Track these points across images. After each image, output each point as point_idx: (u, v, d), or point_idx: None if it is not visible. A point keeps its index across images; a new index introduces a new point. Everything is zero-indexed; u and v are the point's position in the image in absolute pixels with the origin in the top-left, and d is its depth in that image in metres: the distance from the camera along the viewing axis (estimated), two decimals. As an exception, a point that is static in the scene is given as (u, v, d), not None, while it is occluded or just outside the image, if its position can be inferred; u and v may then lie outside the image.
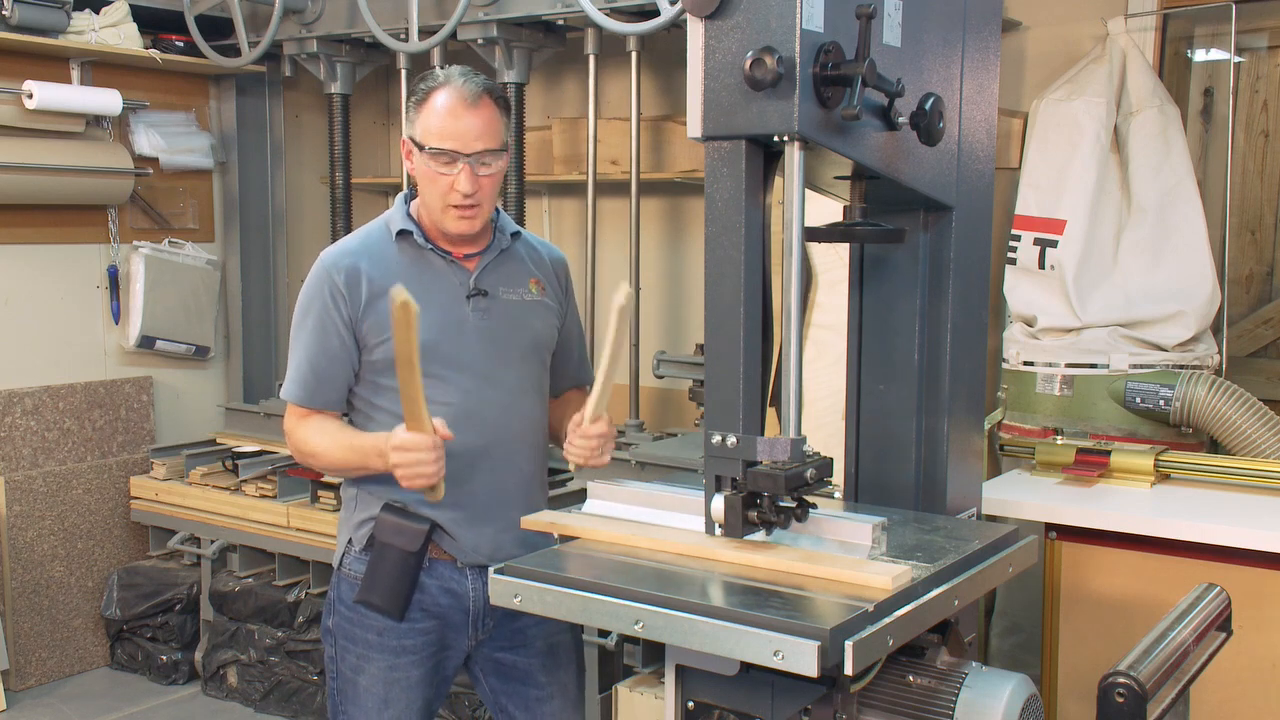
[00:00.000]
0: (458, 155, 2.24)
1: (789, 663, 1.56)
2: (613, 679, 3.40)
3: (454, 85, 2.26)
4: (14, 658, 4.39)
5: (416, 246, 2.35)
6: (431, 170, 2.26)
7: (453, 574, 2.37)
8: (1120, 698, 1.65)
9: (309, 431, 2.34)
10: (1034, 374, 3.60)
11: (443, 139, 2.24)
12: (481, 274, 2.38)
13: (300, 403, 2.34)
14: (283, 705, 4.24)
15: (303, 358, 2.33)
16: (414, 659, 2.36)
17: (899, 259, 2.17)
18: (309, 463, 2.39)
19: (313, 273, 2.34)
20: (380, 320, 2.28)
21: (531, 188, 4.59)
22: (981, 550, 1.92)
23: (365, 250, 2.34)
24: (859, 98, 1.69)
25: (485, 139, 2.26)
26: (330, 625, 2.42)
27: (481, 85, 2.27)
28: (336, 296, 2.29)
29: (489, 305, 2.37)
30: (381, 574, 2.29)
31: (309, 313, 2.32)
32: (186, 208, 4.97)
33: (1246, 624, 2.29)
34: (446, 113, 2.24)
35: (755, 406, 1.83)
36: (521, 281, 2.44)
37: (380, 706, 2.36)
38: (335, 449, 2.31)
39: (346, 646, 2.38)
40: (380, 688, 2.35)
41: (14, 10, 4.15)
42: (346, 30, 4.47)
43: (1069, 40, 3.84)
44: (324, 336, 2.31)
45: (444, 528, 2.33)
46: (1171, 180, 3.53)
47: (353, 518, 2.40)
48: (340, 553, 2.43)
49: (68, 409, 4.59)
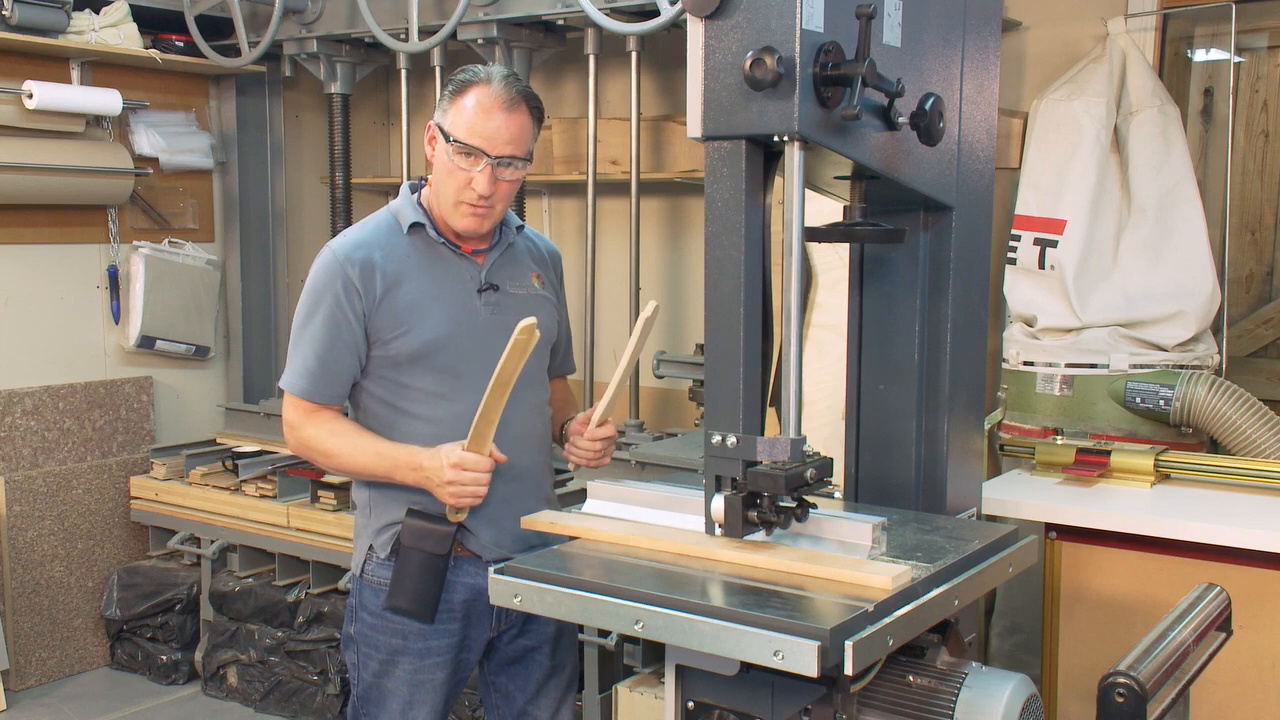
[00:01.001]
0: (483, 154, 2.23)
1: (789, 663, 1.57)
2: (613, 679, 3.40)
3: (495, 85, 2.24)
4: (14, 657, 4.39)
5: (428, 240, 2.34)
6: (453, 163, 2.25)
7: (478, 569, 2.35)
8: (1120, 698, 1.65)
9: (321, 431, 2.31)
10: (1034, 374, 3.60)
11: (471, 135, 2.23)
12: (491, 269, 2.38)
13: (304, 396, 2.31)
14: (283, 705, 4.24)
15: (310, 350, 2.29)
16: (439, 660, 2.36)
17: (899, 259, 2.17)
18: (316, 461, 2.36)
19: (321, 264, 2.30)
20: (395, 314, 2.27)
21: (531, 188, 4.59)
22: (981, 550, 1.92)
23: (377, 242, 2.31)
24: (859, 98, 1.69)
25: (514, 144, 2.25)
26: (352, 632, 2.41)
27: (521, 91, 2.26)
28: (350, 289, 2.26)
29: (499, 300, 2.37)
30: (409, 578, 2.27)
31: (319, 304, 2.28)
32: (186, 208, 4.97)
33: (1246, 624, 2.29)
34: (482, 110, 2.23)
35: (755, 406, 1.83)
36: (525, 276, 2.44)
37: (404, 709, 2.36)
38: (358, 454, 2.28)
39: (369, 654, 2.37)
40: (405, 690, 2.35)
41: (14, 10, 4.15)
42: (346, 30, 4.47)
43: (1069, 40, 3.84)
44: (335, 329, 2.27)
45: (465, 525, 2.32)
46: (1171, 180, 3.53)
47: (371, 524, 2.38)
48: (361, 560, 2.40)
49: (68, 409, 4.59)
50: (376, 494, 2.36)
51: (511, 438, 2.31)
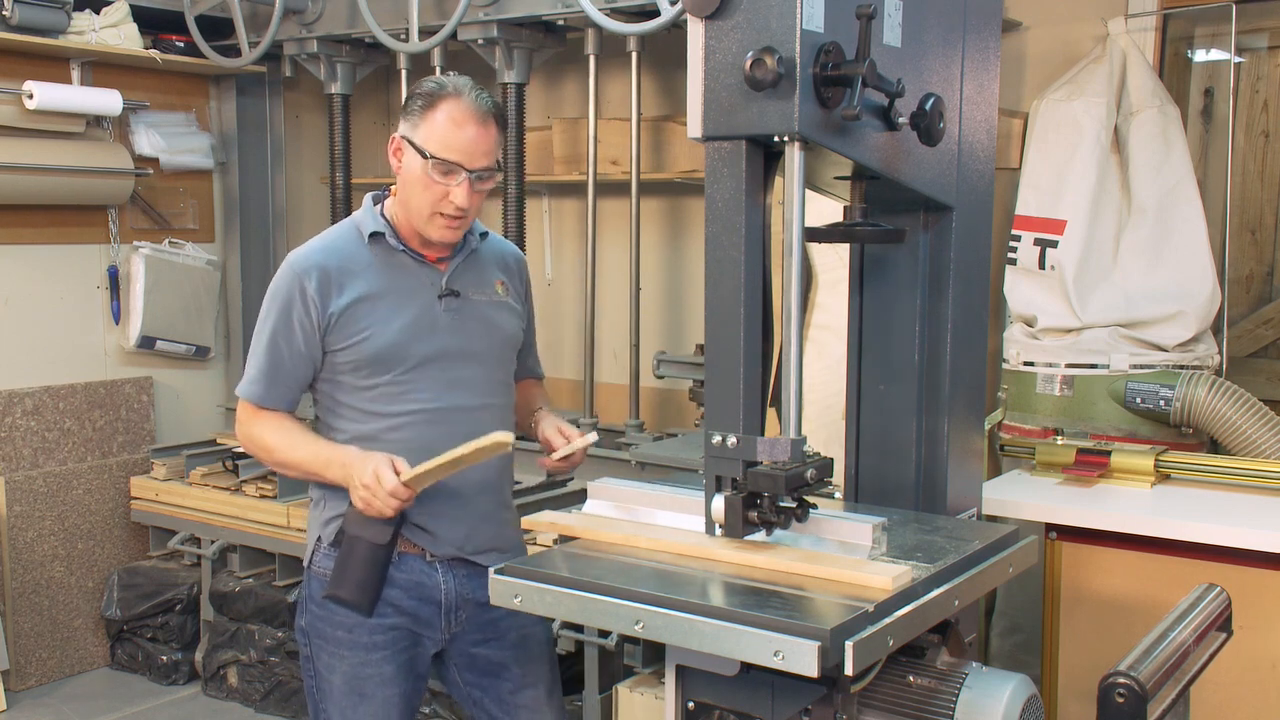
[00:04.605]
0: (461, 169, 2.25)
1: (789, 663, 1.57)
2: (613, 679, 3.40)
3: (466, 99, 2.25)
4: (14, 658, 4.39)
5: (388, 248, 2.36)
6: (429, 178, 2.26)
7: (422, 567, 2.37)
8: (1120, 698, 1.65)
9: (264, 427, 2.35)
10: (1034, 374, 3.60)
11: (449, 150, 2.24)
12: (452, 275, 2.39)
13: (255, 401, 2.35)
14: (283, 705, 4.24)
15: (264, 358, 2.33)
16: (385, 654, 2.36)
17: (899, 259, 2.17)
18: (259, 456, 2.41)
19: (281, 274, 2.34)
20: (354, 320, 2.30)
21: (532, 188, 4.59)
22: (982, 550, 1.92)
23: (335, 252, 2.34)
24: (859, 98, 1.69)
25: (488, 156, 2.28)
26: (304, 624, 2.43)
27: (491, 104, 2.28)
28: (307, 300, 2.29)
29: (460, 305, 2.39)
30: (350, 568, 2.27)
31: (275, 314, 2.32)
32: (186, 208, 4.97)
33: (1247, 624, 2.29)
34: (455, 125, 2.24)
35: (755, 407, 1.83)
36: (489, 282, 2.46)
37: (356, 702, 2.36)
38: (294, 450, 2.33)
39: (320, 645, 2.39)
40: (354, 684, 2.36)
41: (14, 10, 4.15)
42: (347, 30, 4.47)
43: (1069, 40, 3.84)
44: (288, 339, 2.31)
45: (413, 521, 2.33)
46: (1172, 180, 3.53)
47: (321, 515, 2.40)
48: (310, 550, 2.43)
49: (68, 409, 4.59)
50: (329, 488, 2.37)
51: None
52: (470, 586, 2.40)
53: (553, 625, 2.71)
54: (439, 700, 3.76)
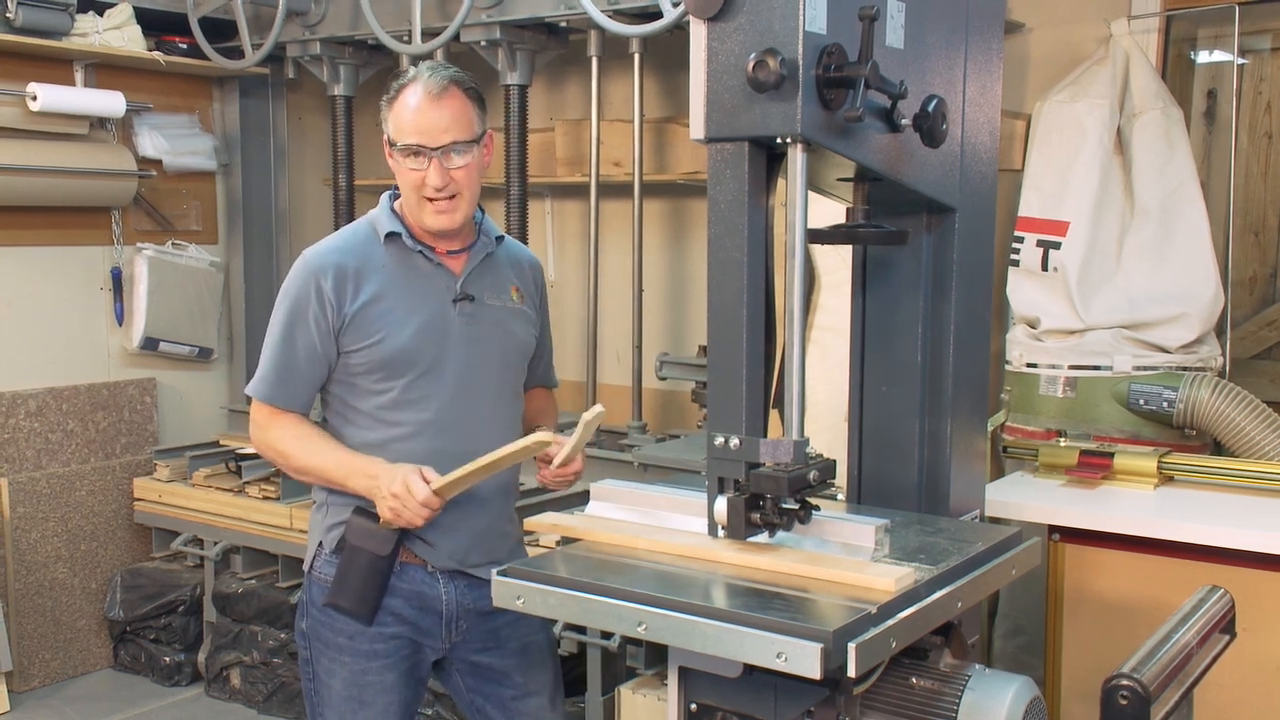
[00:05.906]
0: (424, 149, 2.24)
1: (792, 664, 1.57)
2: (615, 681, 3.40)
3: (421, 79, 2.26)
4: (17, 659, 4.39)
5: (404, 249, 2.34)
6: (404, 166, 2.27)
7: (424, 578, 2.36)
8: (1124, 700, 1.65)
9: (284, 434, 2.33)
10: (1037, 376, 3.60)
11: (409, 134, 2.24)
12: (468, 279, 2.37)
13: (267, 400, 2.32)
14: (285, 707, 4.24)
15: (277, 357, 2.31)
16: (386, 662, 2.35)
17: (902, 261, 2.17)
18: (276, 461, 2.39)
19: (296, 272, 2.32)
20: (368, 322, 2.28)
21: (534, 190, 4.59)
22: (985, 552, 1.92)
23: (351, 251, 2.32)
24: (862, 100, 1.69)
25: (453, 131, 2.25)
26: (304, 628, 2.42)
27: (449, 77, 2.27)
28: (323, 299, 2.27)
29: (474, 311, 2.37)
30: (351, 577, 2.27)
31: (288, 312, 2.30)
32: (190, 209, 4.98)
33: (1250, 626, 2.29)
34: (413, 108, 2.24)
35: (758, 408, 1.83)
36: (504, 288, 2.44)
37: (355, 708, 2.35)
38: (316, 458, 2.30)
39: (320, 649, 2.38)
40: (354, 690, 2.35)
41: (18, 12, 4.16)
42: (350, 32, 4.47)
43: (1072, 42, 3.84)
44: (303, 338, 2.29)
45: (416, 533, 2.31)
46: (1175, 182, 3.53)
47: (324, 521, 2.39)
48: (311, 556, 2.42)
49: (71, 411, 4.60)
50: (333, 493, 2.36)
51: (477, 452, 2.29)
52: (471, 597, 2.39)
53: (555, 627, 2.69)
54: (441, 702, 3.76)
